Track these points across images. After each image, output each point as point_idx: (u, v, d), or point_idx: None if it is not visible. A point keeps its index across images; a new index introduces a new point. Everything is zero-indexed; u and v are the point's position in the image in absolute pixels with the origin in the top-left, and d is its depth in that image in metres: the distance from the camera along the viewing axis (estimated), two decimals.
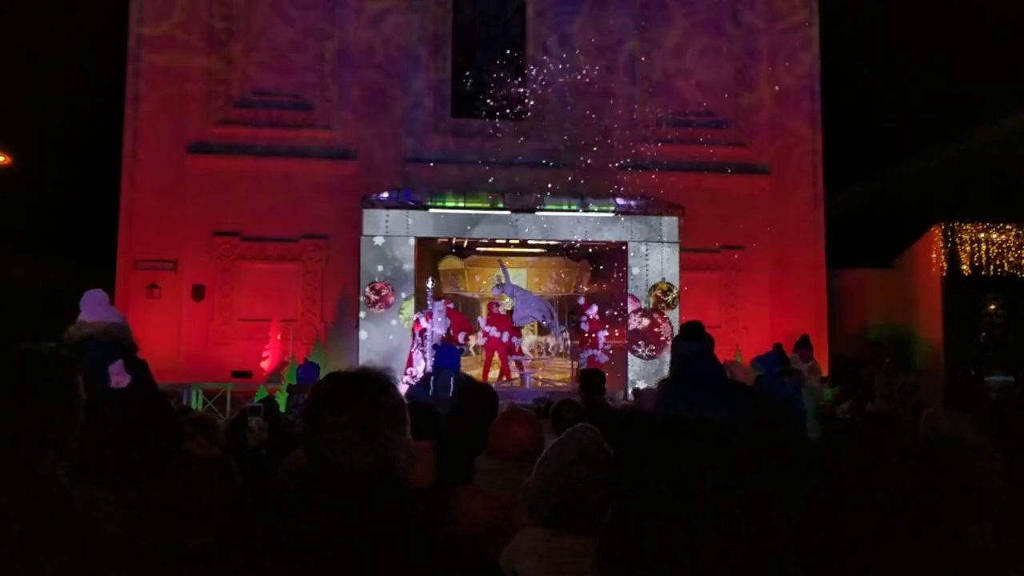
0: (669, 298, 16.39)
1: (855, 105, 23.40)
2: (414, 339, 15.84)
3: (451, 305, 16.61)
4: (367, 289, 15.84)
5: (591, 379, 7.13)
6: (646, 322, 16.05)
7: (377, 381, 2.00)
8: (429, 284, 16.25)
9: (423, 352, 15.31)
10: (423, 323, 15.80)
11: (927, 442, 3.24)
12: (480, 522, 3.31)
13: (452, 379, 9.72)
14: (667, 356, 15.96)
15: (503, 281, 17.15)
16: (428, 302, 16.15)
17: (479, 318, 17.01)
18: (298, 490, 1.88)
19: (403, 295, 16.00)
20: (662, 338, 15.97)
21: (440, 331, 15.82)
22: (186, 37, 18.02)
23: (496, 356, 16.64)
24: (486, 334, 16.60)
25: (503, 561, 2.58)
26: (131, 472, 2.40)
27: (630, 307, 16.35)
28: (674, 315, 16.35)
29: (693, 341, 5.30)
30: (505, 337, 16.63)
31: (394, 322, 16.06)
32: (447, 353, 12.32)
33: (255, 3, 18.19)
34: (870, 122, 24.40)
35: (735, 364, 6.09)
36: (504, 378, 16.43)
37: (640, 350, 16.02)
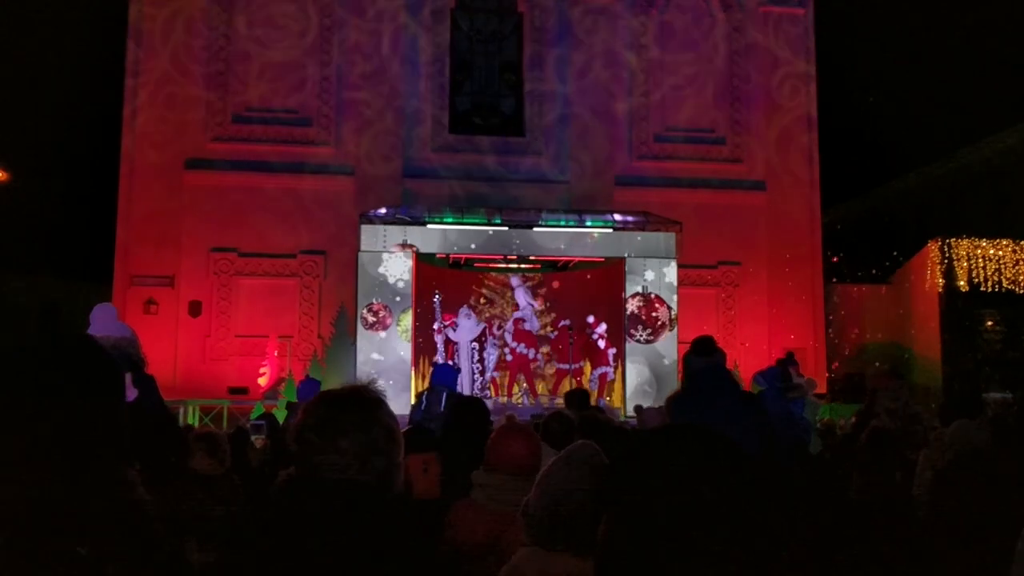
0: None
1: (851, 121, 23.48)
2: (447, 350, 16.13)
3: (524, 324, 16.77)
4: (364, 311, 15.78)
5: (575, 398, 7.32)
6: (643, 306, 16.00)
7: (370, 400, 1.99)
8: (436, 297, 16.32)
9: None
10: (451, 335, 16.06)
11: (953, 456, 3.23)
12: (478, 536, 3.28)
13: (444, 395, 9.75)
14: (663, 344, 15.99)
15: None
16: (436, 313, 16.25)
17: (506, 334, 17.00)
18: (293, 507, 1.86)
19: (400, 308, 15.95)
20: (660, 322, 15.94)
21: (468, 337, 16.00)
22: (184, 53, 18.03)
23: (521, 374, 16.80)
24: (513, 351, 16.61)
25: (508, 570, 2.55)
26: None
27: (627, 296, 16.35)
28: (672, 336, 16.27)
29: (704, 356, 5.25)
30: (532, 354, 16.67)
31: (392, 333, 15.96)
32: (444, 372, 12.38)
33: (253, 20, 18.24)
34: (866, 138, 24.50)
35: None
36: (532, 397, 16.44)
37: (637, 334, 15.97)
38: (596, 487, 2.48)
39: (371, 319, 15.75)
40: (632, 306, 16.05)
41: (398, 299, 15.87)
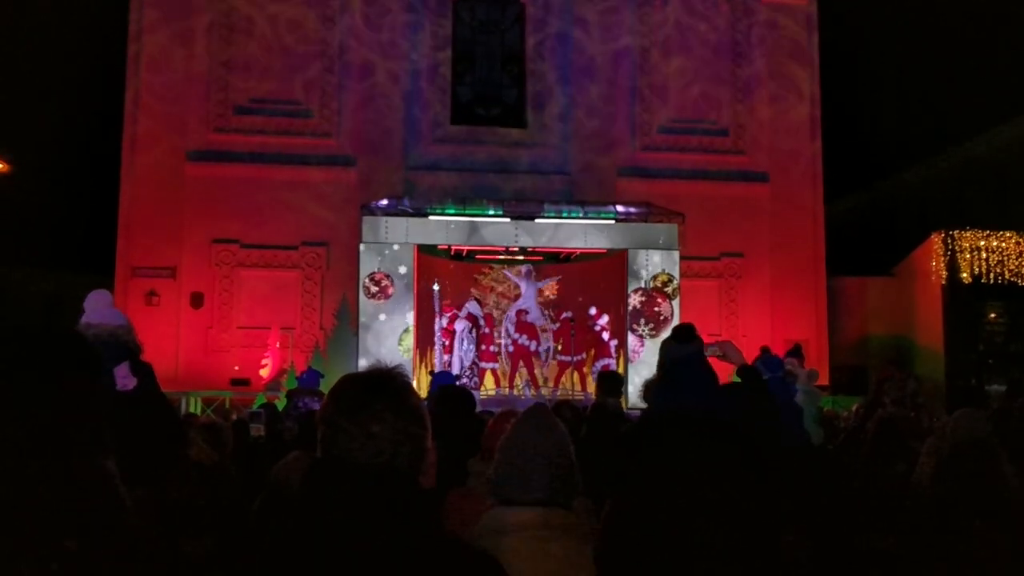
0: (669, 289, 16.31)
1: (854, 112, 23.41)
2: (450, 341, 16.14)
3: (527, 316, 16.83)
4: (366, 280, 15.76)
5: (608, 381, 6.94)
6: (645, 300, 15.99)
7: (401, 385, 1.95)
8: (435, 287, 16.35)
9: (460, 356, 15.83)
10: (456, 325, 16.12)
11: (955, 444, 3.21)
12: (472, 525, 3.27)
13: None
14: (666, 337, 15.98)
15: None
16: (435, 305, 16.28)
17: (508, 325, 17.01)
18: (322, 491, 1.82)
19: (402, 328, 15.87)
20: (662, 317, 15.93)
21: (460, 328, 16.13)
22: (185, 44, 17.99)
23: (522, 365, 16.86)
24: (515, 342, 16.64)
25: (477, 532, 2.60)
26: (134, 476, 2.36)
27: (630, 291, 16.35)
28: (674, 305, 16.26)
29: (684, 343, 5.26)
30: (533, 346, 16.70)
31: (394, 328, 15.97)
32: (443, 379, 12.43)
33: (255, 11, 18.19)
34: (869, 129, 24.42)
35: (727, 344, 5.96)
36: (534, 389, 16.47)
37: (639, 329, 15.97)
38: (560, 451, 2.64)
39: (373, 288, 15.73)
40: (634, 301, 16.04)
41: (401, 301, 15.91)
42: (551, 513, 2.52)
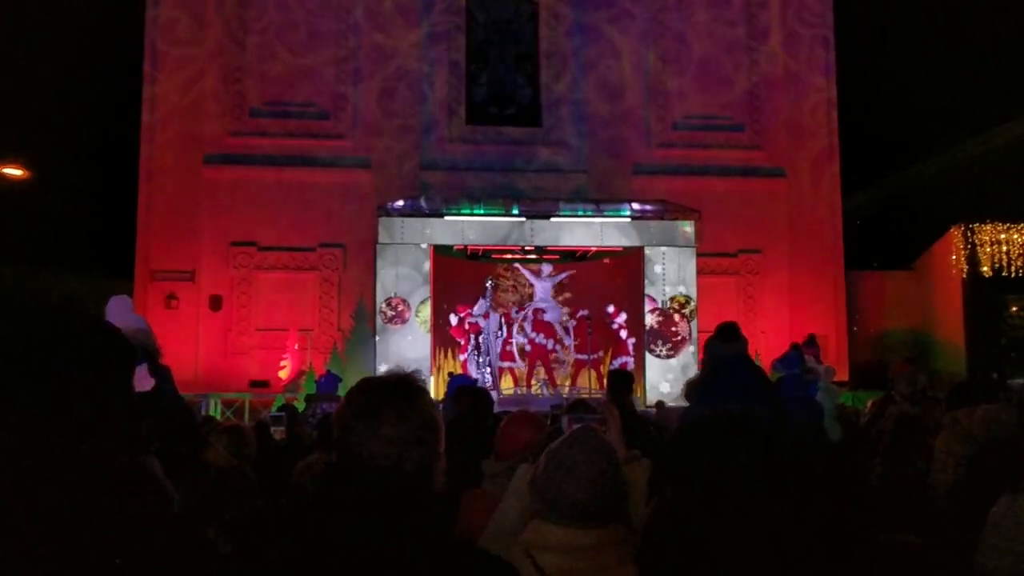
0: (687, 311, 16.32)
1: (872, 106, 23.24)
2: (468, 342, 16.09)
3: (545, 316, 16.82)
4: (383, 305, 15.86)
5: (619, 380, 6.91)
6: (663, 320, 15.99)
7: (414, 388, 1.97)
8: (488, 283, 16.39)
9: (477, 359, 15.70)
10: (481, 323, 16.10)
11: (982, 443, 3.18)
12: (485, 527, 3.26)
13: None
14: (684, 357, 15.95)
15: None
16: (484, 301, 16.31)
17: (525, 324, 17.04)
18: (334, 493, 1.84)
19: (419, 300, 16.01)
20: (679, 337, 15.92)
21: (495, 326, 16.11)
22: (201, 48, 18.11)
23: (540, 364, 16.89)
24: (532, 341, 16.67)
25: (521, 542, 2.58)
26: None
27: (647, 310, 16.31)
28: (692, 327, 16.24)
29: (728, 342, 5.17)
30: (550, 345, 16.72)
31: (413, 325, 16.03)
32: (461, 383, 12.46)
33: (269, 13, 18.28)
34: (887, 122, 24.23)
35: None
36: (551, 388, 16.50)
37: (657, 349, 15.96)
38: (616, 475, 2.56)
39: (390, 313, 15.82)
40: (651, 321, 16.04)
41: (417, 291, 15.95)
42: (593, 533, 2.50)
